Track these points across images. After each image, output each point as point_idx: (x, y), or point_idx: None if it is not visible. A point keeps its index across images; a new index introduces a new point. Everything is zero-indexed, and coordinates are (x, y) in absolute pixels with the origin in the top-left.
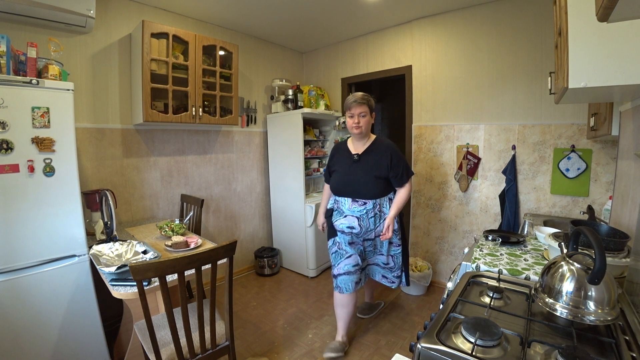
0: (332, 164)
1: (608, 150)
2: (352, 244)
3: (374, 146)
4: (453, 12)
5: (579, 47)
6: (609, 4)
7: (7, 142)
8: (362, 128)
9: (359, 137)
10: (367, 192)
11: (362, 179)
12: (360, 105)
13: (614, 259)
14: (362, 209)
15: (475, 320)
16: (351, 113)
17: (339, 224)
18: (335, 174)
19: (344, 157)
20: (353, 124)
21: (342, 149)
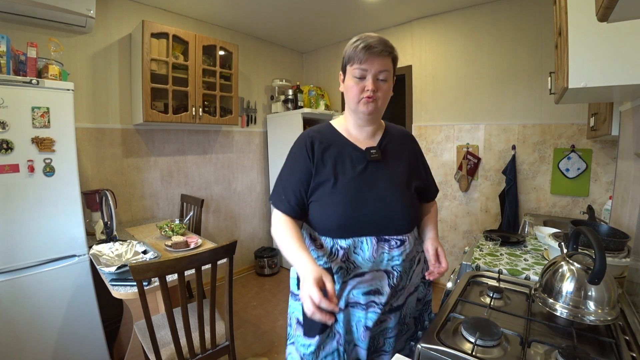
0: (314, 173)
1: (608, 150)
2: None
3: (391, 136)
4: (453, 12)
5: (579, 47)
6: (609, 4)
7: (7, 142)
8: (378, 103)
9: (368, 121)
10: (405, 218)
11: (393, 195)
12: (381, 56)
13: (614, 259)
14: (399, 253)
15: (475, 320)
16: (363, 69)
17: (351, 293)
18: (333, 193)
19: (343, 156)
20: (364, 95)
21: (334, 141)
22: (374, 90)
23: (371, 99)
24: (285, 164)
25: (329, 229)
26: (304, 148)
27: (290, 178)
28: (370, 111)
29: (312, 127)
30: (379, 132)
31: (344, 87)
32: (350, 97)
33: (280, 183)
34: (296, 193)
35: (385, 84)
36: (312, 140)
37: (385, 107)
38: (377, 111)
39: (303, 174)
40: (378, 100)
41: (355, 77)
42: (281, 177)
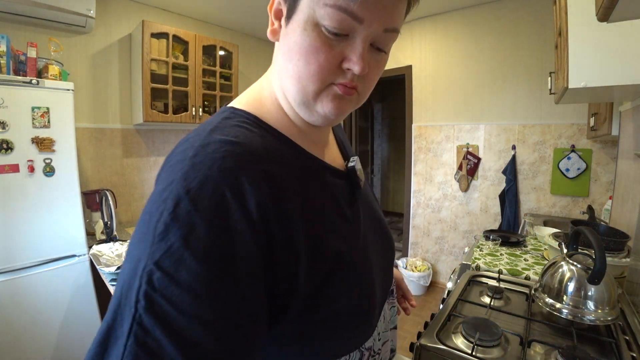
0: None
1: (608, 150)
2: None
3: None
4: (453, 12)
5: (579, 47)
6: (609, 4)
7: (7, 142)
8: (361, 98)
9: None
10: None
11: (386, 226)
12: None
13: (614, 259)
14: (395, 304)
15: (475, 320)
16: (354, 17)
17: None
18: (341, 289)
19: (322, 200)
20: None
21: (297, 173)
22: (362, 69)
23: (352, 90)
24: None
25: (347, 347)
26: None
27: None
28: (341, 115)
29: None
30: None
31: (287, 40)
32: (303, 71)
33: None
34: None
35: (382, 58)
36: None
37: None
38: (351, 112)
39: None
40: (361, 94)
41: (325, 28)
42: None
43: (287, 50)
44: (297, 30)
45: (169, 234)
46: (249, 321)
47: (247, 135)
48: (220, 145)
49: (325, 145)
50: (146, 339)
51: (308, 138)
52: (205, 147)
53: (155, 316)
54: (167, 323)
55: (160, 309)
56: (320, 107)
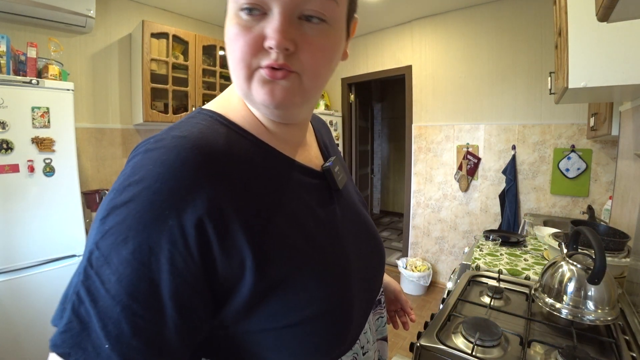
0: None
1: (608, 150)
2: None
3: (317, 122)
4: (453, 12)
5: (579, 47)
6: (609, 4)
7: (7, 142)
8: (303, 81)
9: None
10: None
11: (374, 229)
12: None
13: (614, 259)
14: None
15: (475, 320)
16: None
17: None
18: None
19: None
20: (265, 60)
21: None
22: (279, 42)
23: (281, 71)
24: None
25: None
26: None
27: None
28: (279, 102)
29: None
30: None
31: (225, 35)
32: (232, 62)
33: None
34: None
35: (322, 29)
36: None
37: (322, 83)
38: (299, 101)
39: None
40: (304, 77)
41: (242, 10)
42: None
43: (226, 43)
44: (227, 25)
45: (108, 218)
46: (166, 321)
47: (204, 130)
48: (171, 140)
49: (299, 145)
50: (80, 308)
51: (278, 137)
52: (157, 142)
53: (88, 290)
54: (95, 298)
55: (92, 284)
56: (255, 95)
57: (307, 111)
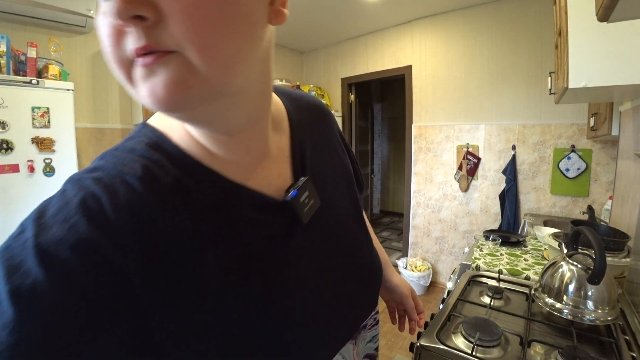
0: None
1: (608, 150)
2: None
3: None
4: (453, 12)
5: (579, 47)
6: (609, 4)
7: (7, 142)
8: (191, 59)
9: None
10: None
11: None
12: None
13: (614, 259)
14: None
15: (475, 320)
16: None
17: None
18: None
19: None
20: (130, 46)
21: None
22: (119, 7)
23: (152, 55)
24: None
25: None
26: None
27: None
28: (164, 100)
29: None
30: (279, 122)
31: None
32: (106, 55)
33: None
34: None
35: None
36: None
37: (231, 58)
38: (195, 92)
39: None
40: (186, 54)
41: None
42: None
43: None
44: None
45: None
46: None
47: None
48: (89, 186)
49: (258, 164)
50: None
51: (224, 160)
52: (76, 183)
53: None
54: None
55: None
56: (140, 98)
57: (247, 110)
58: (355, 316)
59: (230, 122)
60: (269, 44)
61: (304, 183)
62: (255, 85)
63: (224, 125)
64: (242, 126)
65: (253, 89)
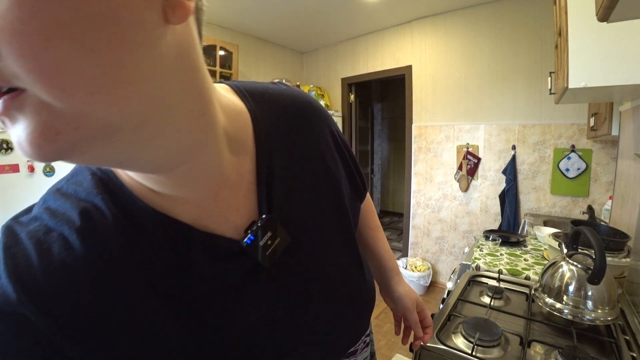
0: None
1: (608, 150)
2: None
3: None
4: (453, 12)
5: (579, 47)
6: (609, 4)
7: (7, 142)
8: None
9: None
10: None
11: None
12: None
13: (614, 259)
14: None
15: (475, 320)
16: None
17: None
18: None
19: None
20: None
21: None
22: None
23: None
24: None
25: None
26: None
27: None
28: (36, 151)
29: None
30: (241, 141)
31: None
32: None
33: None
34: None
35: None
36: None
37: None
38: (66, 138)
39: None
40: (32, 91)
41: None
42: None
43: None
44: None
45: None
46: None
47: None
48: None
49: (211, 199)
50: None
51: (170, 198)
52: (9, 234)
53: None
54: None
55: None
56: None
57: (177, 139)
58: (339, 347)
59: (158, 158)
60: (182, 49)
61: (264, 223)
62: (176, 107)
63: (151, 163)
64: (176, 159)
65: (175, 112)
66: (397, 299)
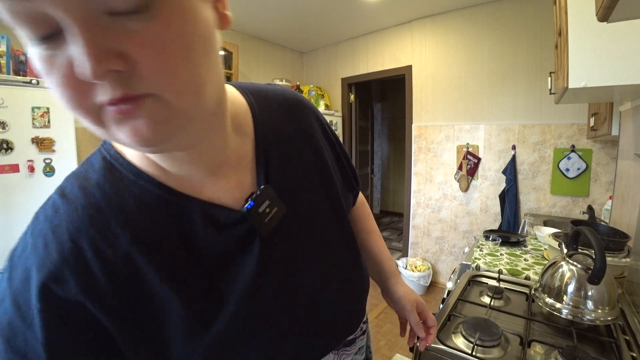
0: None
1: (608, 150)
2: None
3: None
4: (453, 12)
5: (579, 47)
6: (609, 4)
7: (7, 142)
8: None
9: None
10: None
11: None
12: None
13: (614, 259)
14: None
15: (475, 320)
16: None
17: None
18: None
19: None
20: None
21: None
22: (94, 70)
23: (131, 103)
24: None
25: None
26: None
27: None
28: (152, 140)
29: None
30: (241, 126)
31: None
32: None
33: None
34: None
35: (152, 18)
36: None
37: (199, 85)
38: (176, 127)
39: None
40: (167, 94)
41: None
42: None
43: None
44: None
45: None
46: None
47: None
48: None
49: (214, 175)
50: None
51: (176, 175)
52: (45, 205)
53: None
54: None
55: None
56: (121, 139)
57: (202, 123)
58: (333, 328)
59: (186, 139)
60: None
61: (263, 191)
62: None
63: (180, 143)
64: (196, 140)
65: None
66: (397, 300)
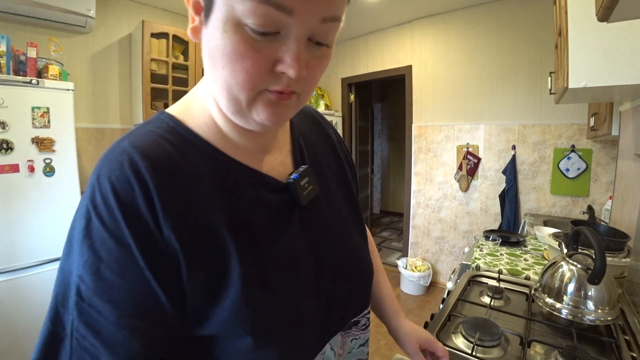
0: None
1: (608, 150)
2: None
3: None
4: (453, 12)
5: (579, 47)
6: (609, 4)
7: (7, 142)
8: (302, 99)
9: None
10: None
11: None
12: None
13: (614, 259)
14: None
15: (475, 320)
16: (283, 9)
17: None
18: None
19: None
20: (275, 85)
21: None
22: (299, 73)
23: (289, 95)
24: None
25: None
26: (126, 234)
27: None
28: (278, 119)
29: (130, 148)
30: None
31: (208, 42)
32: (230, 81)
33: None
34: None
35: (324, 53)
36: (148, 198)
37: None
38: (291, 116)
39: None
40: (302, 96)
41: (250, 28)
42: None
43: (209, 56)
44: (217, 32)
45: (84, 248)
46: (165, 320)
47: (152, 141)
48: (121, 153)
49: (265, 151)
50: (85, 343)
51: (238, 144)
52: (108, 156)
53: (87, 325)
54: (97, 330)
55: (89, 317)
56: (256, 115)
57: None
58: (347, 305)
59: (285, 122)
60: None
61: (305, 170)
62: None
63: (281, 125)
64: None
65: None
66: (402, 341)
